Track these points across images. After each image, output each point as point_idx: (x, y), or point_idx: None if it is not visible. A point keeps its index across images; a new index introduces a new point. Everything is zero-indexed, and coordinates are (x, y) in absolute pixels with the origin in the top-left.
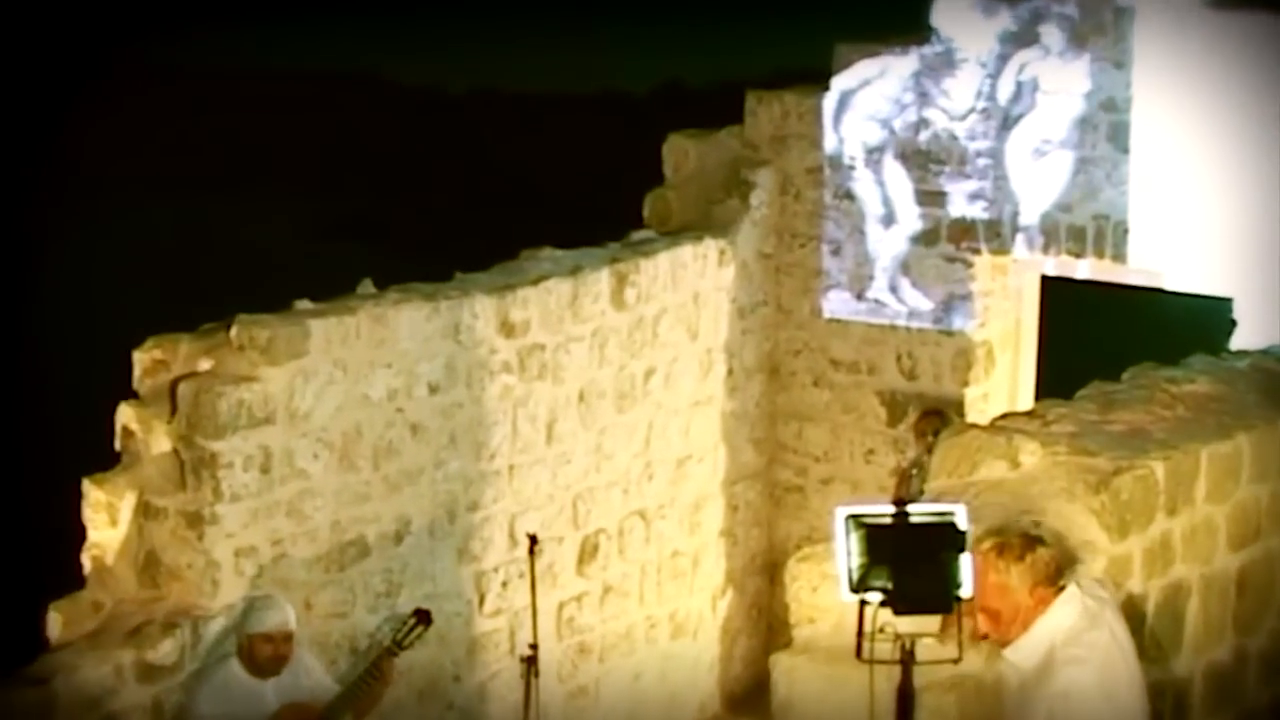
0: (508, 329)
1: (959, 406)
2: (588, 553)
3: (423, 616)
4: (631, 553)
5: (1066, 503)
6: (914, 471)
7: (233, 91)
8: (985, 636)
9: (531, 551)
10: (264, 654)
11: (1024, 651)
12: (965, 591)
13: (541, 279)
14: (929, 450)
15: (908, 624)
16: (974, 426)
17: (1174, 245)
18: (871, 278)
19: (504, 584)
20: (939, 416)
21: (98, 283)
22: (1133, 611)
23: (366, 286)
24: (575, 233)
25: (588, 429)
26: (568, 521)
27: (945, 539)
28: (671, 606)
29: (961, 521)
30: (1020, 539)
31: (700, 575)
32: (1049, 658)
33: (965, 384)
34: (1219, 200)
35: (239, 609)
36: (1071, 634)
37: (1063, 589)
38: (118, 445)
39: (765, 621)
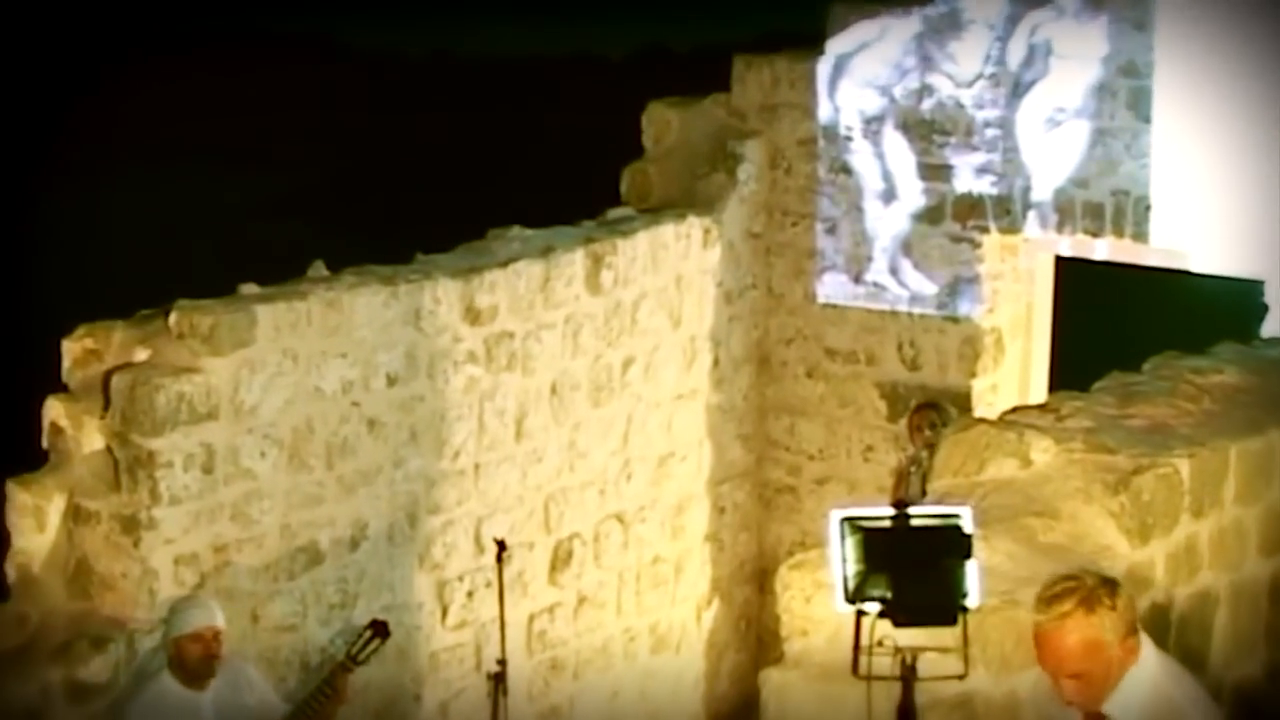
0: (473, 315)
1: (965, 399)
2: (561, 560)
3: (379, 629)
4: (608, 559)
5: (1083, 504)
6: (912, 470)
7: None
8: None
9: (499, 558)
10: (194, 655)
11: (1130, 709)
12: (971, 600)
13: (510, 261)
14: (927, 447)
15: (909, 637)
16: (982, 421)
17: (1200, 223)
18: (870, 259)
19: (469, 594)
20: (935, 410)
21: (19, 265)
22: (1156, 623)
23: (318, 269)
24: (546, 210)
25: (560, 424)
26: (539, 525)
27: (949, 544)
28: (652, 618)
29: (967, 524)
30: (1102, 585)
31: (683, 584)
32: (1166, 706)
33: (972, 375)
34: (1249, 174)
35: (164, 617)
36: (1171, 673)
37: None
38: (45, 443)
39: (754, 634)
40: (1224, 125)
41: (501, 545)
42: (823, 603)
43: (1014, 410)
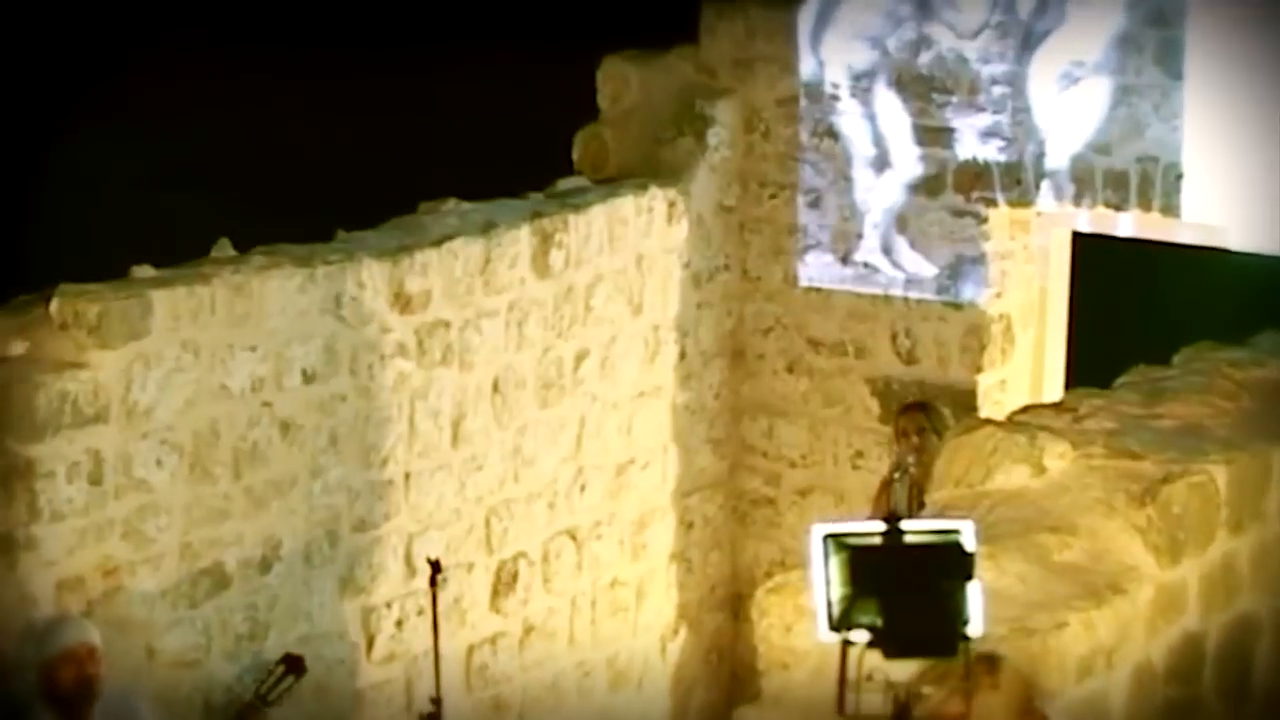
0: (403, 302)
1: (970, 397)
2: (504, 583)
3: (293, 664)
4: (559, 583)
5: (1104, 518)
6: (895, 479)
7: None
8: None
9: (433, 581)
10: (68, 679)
11: None
12: (974, 629)
13: (445, 239)
14: (915, 453)
15: (902, 670)
16: (988, 422)
17: (1239, 194)
18: (859, 236)
19: (398, 623)
20: (925, 411)
21: None
22: (1188, 655)
23: (224, 248)
24: (487, 181)
25: (504, 427)
26: (479, 544)
27: (949, 564)
28: (610, 650)
29: (969, 541)
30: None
31: (646, 611)
32: None
33: (978, 369)
34: None
35: (23, 645)
36: None
37: None
38: None
39: (727, 668)
40: (1267, 81)
41: (436, 566)
42: (805, 632)
43: (1025, 410)
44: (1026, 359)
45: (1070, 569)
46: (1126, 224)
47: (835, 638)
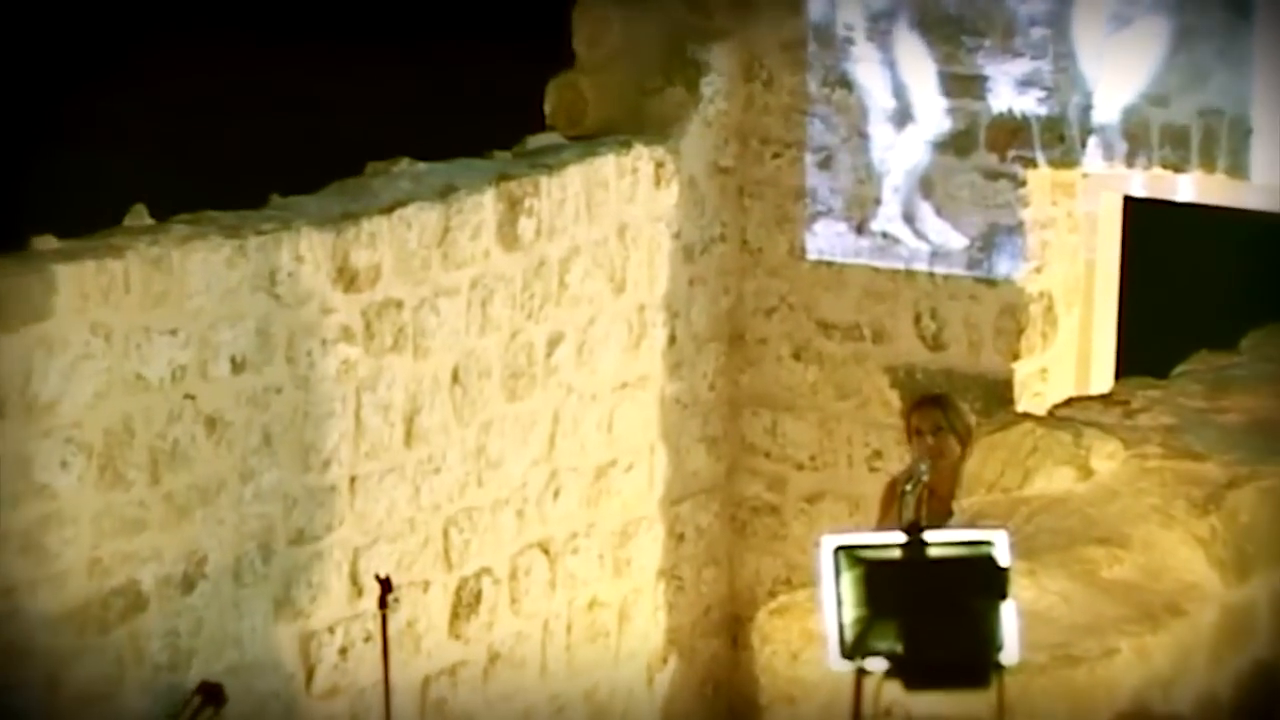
0: (348, 278)
1: (1005, 388)
2: (465, 604)
3: (211, 694)
4: (530, 603)
5: (1160, 528)
6: (907, 489)
7: None
8: None
9: (383, 603)
10: None
11: None
12: (1009, 656)
13: (397, 205)
14: (930, 458)
15: (926, 703)
16: (1026, 417)
17: None
18: (877, 202)
19: (343, 650)
20: (940, 406)
21: None
22: (1259, 687)
23: (139, 215)
24: (445, 137)
25: (465, 424)
26: (436, 558)
27: (978, 581)
28: (588, 681)
29: (1003, 555)
30: None
31: (630, 636)
32: None
33: (1014, 356)
34: None
35: None
36: None
37: None
38: None
39: (725, 702)
40: None
41: (386, 585)
42: (814, 660)
43: (1069, 402)
44: (1071, 344)
45: (1121, 587)
46: (1187, 187)
47: (849, 667)
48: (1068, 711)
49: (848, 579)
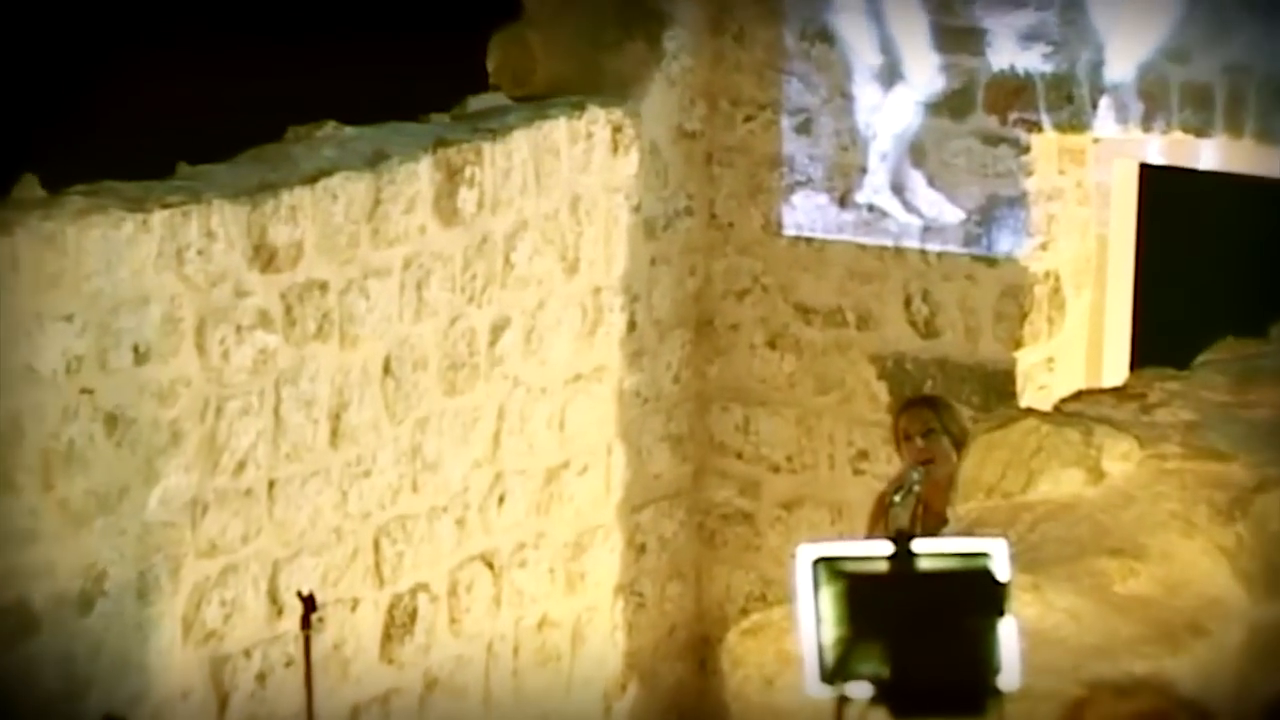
0: (265, 257)
1: (1006, 379)
2: (399, 624)
3: None
4: (472, 624)
5: (1181, 537)
6: (895, 500)
7: None
8: None
9: (306, 623)
10: None
11: None
12: (1008, 681)
13: (321, 175)
14: (921, 464)
15: None
16: (1030, 413)
17: None
18: (863, 171)
19: (261, 676)
20: (931, 407)
21: None
22: None
23: (30, 187)
24: (375, 98)
25: (398, 421)
26: (366, 573)
27: (974, 597)
28: (537, 711)
29: (1002, 567)
30: None
31: (585, 660)
32: None
33: (1017, 344)
34: None
35: None
36: None
37: None
38: None
39: None
40: None
41: (309, 603)
42: (790, 686)
43: (1079, 396)
44: (1080, 330)
45: (1137, 604)
46: (1210, 154)
47: (829, 693)
48: None
49: (828, 595)
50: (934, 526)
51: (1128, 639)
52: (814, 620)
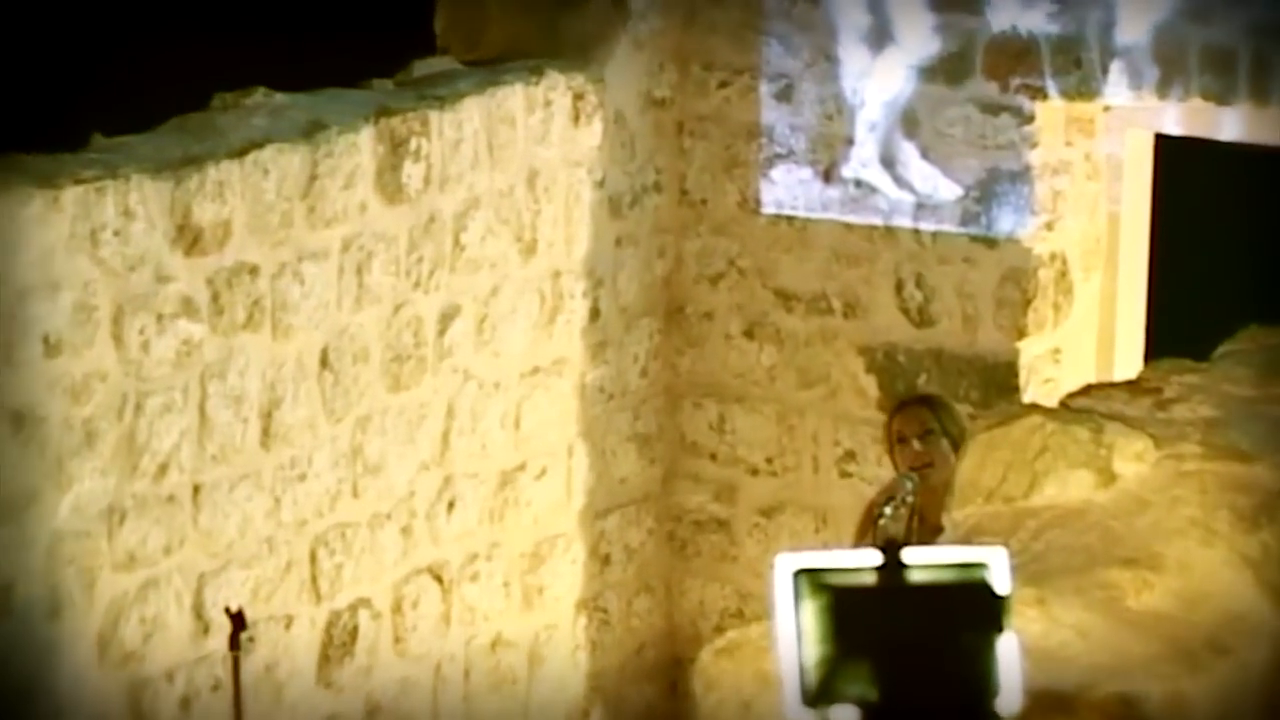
0: (189, 239)
1: (1009, 372)
2: (338, 644)
3: None
4: (418, 643)
5: (1201, 546)
6: (886, 512)
7: None
8: None
9: (235, 642)
10: None
11: None
12: (1009, 703)
13: (251, 147)
14: (916, 470)
15: None
16: (1034, 409)
17: None
18: (850, 143)
19: (185, 702)
20: (929, 407)
21: None
22: None
23: None
24: (311, 62)
25: (336, 419)
26: (301, 587)
27: (970, 611)
28: None
29: (1001, 578)
30: None
31: (543, 682)
32: None
33: (1020, 333)
34: None
35: None
36: None
37: None
38: None
39: None
40: None
41: (238, 621)
42: (769, 709)
43: (1088, 390)
44: (1090, 318)
45: (1152, 619)
46: (1232, 123)
47: (812, 717)
48: None
49: (810, 609)
50: (929, 539)
51: (1142, 658)
52: (795, 638)
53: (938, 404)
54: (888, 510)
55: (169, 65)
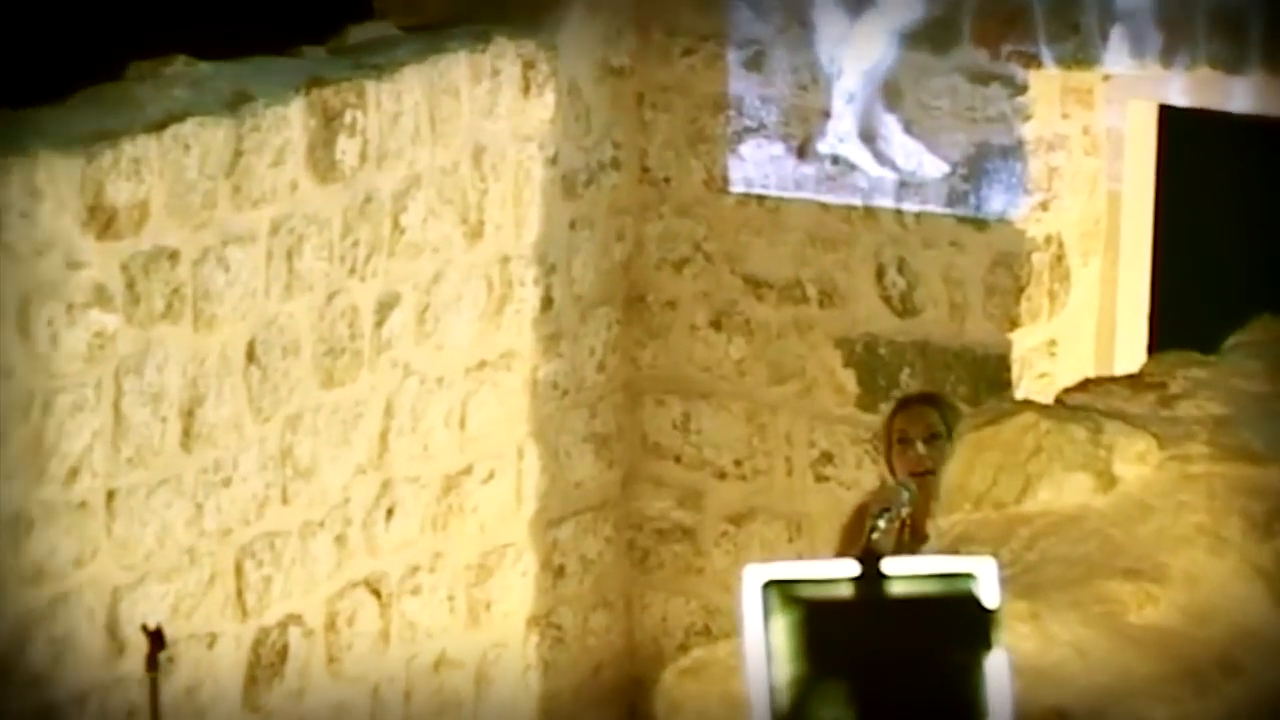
0: (102, 221)
1: (1000, 365)
2: (266, 664)
3: None
4: (354, 663)
5: (1209, 555)
6: (880, 523)
7: None
8: None
9: (153, 663)
10: None
11: None
12: None
13: (170, 122)
14: (918, 476)
15: None
16: (1028, 406)
17: None
18: (826, 116)
19: None
20: (935, 406)
21: None
22: None
23: None
24: (236, 29)
25: (264, 418)
26: (226, 603)
27: (956, 627)
28: None
29: (990, 591)
30: None
31: (491, 705)
32: None
33: (1012, 324)
34: None
35: None
36: None
37: None
38: None
39: None
40: None
41: (157, 639)
42: None
43: (1085, 386)
44: (1088, 307)
45: (1156, 636)
46: (1243, 94)
47: None
48: None
49: (782, 625)
50: (915, 549)
51: (1145, 679)
52: (765, 656)
53: (945, 405)
54: (881, 523)
55: (79, 30)
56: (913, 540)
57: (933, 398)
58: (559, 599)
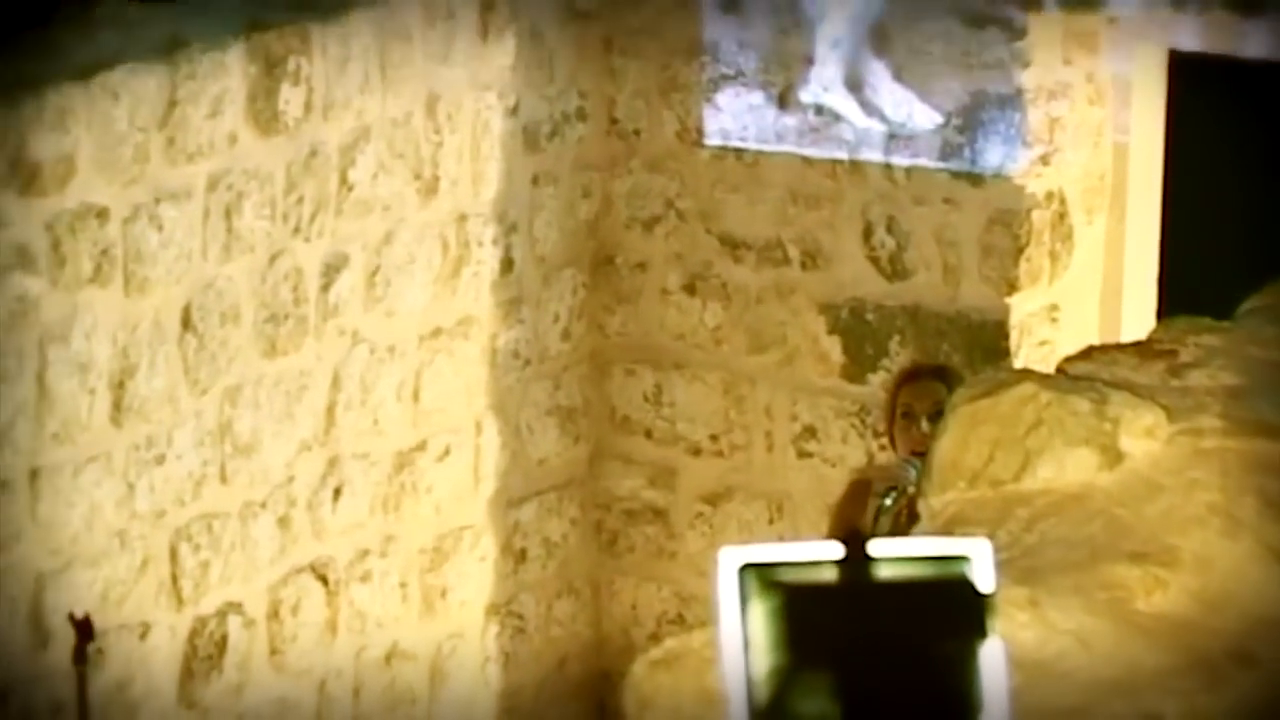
0: (25, 177)
1: (997, 333)
2: (204, 656)
3: None
4: (299, 655)
5: (1222, 537)
6: (886, 503)
7: None
8: None
9: (81, 655)
10: None
11: None
12: None
13: (99, 68)
14: (919, 454)
15: None
16: (1027, 376)
17: None
18: (809, 62)
19: None
20: (944, 380)
21: None
22: None
23: None
24: None
25: (201, 390)
26: (159, 589)
27: (948, 613)
28: None
29: (984, 575)
30: None
31: (447, 702)
32: None
33: (1011, 287)
34: None
35: None
36: None
37: None
38: None
39: None
40: None
41: (85, 630)
42: None
43: (1089, 354)
44: (1093, 269)
45: (1166, 624)
46: (1258, 39)
47: None
48: None
49: (761, 612)
50: (906, 530)
51: (1154, 670)
52: (742, 646)
53: (952, 377)
54: (888, 502)
55: None
56: (909, 523)
57: (942, 371)
58: (520, 586)
